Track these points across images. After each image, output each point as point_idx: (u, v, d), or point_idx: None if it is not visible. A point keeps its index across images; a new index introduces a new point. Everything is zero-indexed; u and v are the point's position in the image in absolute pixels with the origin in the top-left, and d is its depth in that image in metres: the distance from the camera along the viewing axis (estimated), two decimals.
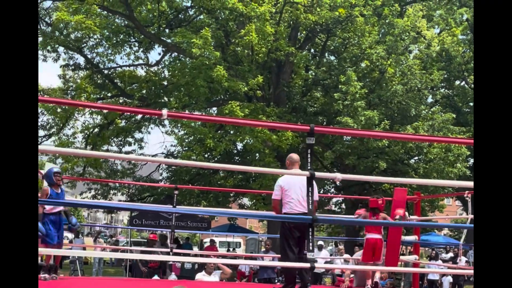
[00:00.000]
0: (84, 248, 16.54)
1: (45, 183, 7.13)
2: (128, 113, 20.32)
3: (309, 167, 5.08)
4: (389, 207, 9.17)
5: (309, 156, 5.10)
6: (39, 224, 6.54)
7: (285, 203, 6.35)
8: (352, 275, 9.43)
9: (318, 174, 5.58)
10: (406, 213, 9.20)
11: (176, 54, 21.03)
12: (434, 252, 19.76)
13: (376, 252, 8.34)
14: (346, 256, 13.70)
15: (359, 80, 17.91)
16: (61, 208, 7.03)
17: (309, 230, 5.33)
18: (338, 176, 5.30)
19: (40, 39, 19.55)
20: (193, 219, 18.36)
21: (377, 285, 8.15)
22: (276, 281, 13.02)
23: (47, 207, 6.84)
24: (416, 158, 19.91)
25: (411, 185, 15.00)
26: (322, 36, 20.41)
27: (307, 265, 5.46)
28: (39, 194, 6.68)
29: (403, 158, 18.59)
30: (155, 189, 20.86)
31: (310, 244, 5.32)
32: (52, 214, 6.87)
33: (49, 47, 19.59)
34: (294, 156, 6.84)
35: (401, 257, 9.48)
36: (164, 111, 4.46)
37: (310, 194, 5.21)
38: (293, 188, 6.37)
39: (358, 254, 9.99)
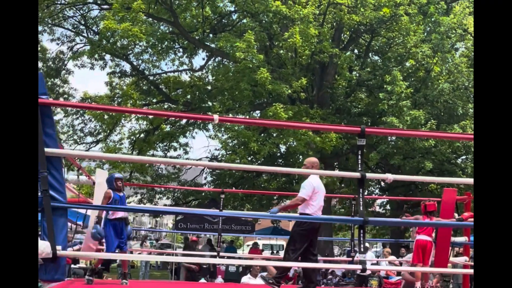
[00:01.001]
0: (131, 252, 16.87)
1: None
2: (173, 118, 20.63)
3: (359, 168, 5.06)
4: (438, 208, 8.99)
5: (359, 157, 5.09)
6: (98, 227, 6.62)
7: (310, 205, 6.36)
8: (399, 277, 9.30)
9: (369, 175, 5.56)
10: (455, 214, 9.01)
11: (220, 58, 21.25)
12: None
13: (426, 254, 8.21)
14: (392, 258, 13.46)
15: (405, 79, 17.63)
16: (122, 214, 7.04)
17: (360, 231, 5.29)
18: (390, 176, 5.25)
19: (87, 47, 20.15)
20: (237, 222, 18.48)
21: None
22: (321, 283, 12.93)
23: (111, 213, 6.88)
24: (463, 157, 19.42)
25: (460, 185, 14.62)
26: (366, 36, 20.21)
27: (359, 266, 5.42)
28: (103, 199, 6.80)
29: (450, 157, 18.16)
30: (199, 193, 21.09)
31: (362, 246, 5.28)
32: (114, 220, 6.92)
33: (96, 55, 20.15)
34: (315, 160, 6.90)
35: (451, 259, 9.26)
36: (216, 116, 4.53)
37: (361, 196, 5.18)
38: (321, 192, 6.46)
39: (408, 257, 9.83)
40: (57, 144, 4.43)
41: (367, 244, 16.51)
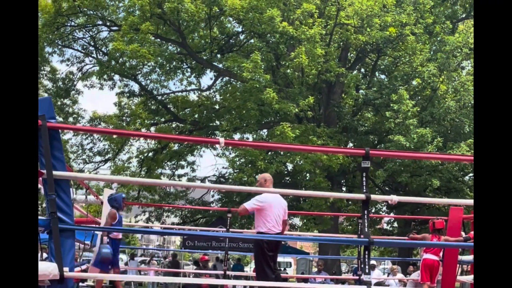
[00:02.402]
0: (139, 271, 16.90)
1: (109, 207, 7.29)
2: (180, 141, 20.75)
3: (364, 190, 5.09)
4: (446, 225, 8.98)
5: (364, 179, 5.13)
6: (110, 248, 6.70)
7: (264, 222, 6.35)
8: None
9: (374, 197, 5.57)
10: (462, 233, 8.99)
11: (227, 78, 21.44)
12: None
13: (433, 273, 8.20)
14: (401, 276, 13.40)
15: (411, 98, 17.72)
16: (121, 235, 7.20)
17: (365, 252, 5.31)
18: (394, 198, 5.26)
19: (96, 68, 20.43)
20: (244, 240, 18.45)
21: None
22: None
23: (114, 232, 6.99)
24: (471, 175, 19.36)
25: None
26: (372, 55, 20.36)
27: (364, 287, 5.42)
28: (108, 218, 6.89)
29: (457, 175, 18.13)
30: (207, 211, 21.12)
31: (366, 266, 5.29)
32: (116, 240, 7.00)
33: (105, 76, 20.43)
34: (267, 175, 6.97)
35: (458, 277, 9.22)
36: (222, 140, 4.61)
37: (366, 217, 5.20)
38: (273, 207, 6.40)
39: (415, 275, 9.80)
40: (65, 167, 4.53)
41: (374, 262, 16.47)
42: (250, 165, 18.29)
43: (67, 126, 12.56)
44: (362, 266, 5.31)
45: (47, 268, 4.11)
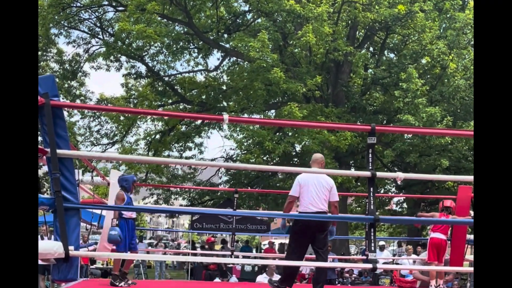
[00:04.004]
0: (147, 253, 17.00)
1: (117, 188, 7.25)
2: (189, 119, 20.74)
3: (370, 167, 5.03)
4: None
5: (370, 156, 5.05)
6: (118, 230, 6.67)
7: (301, 200, 6.23)
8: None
9: (379, 174, 5.51)
10: (471, 212, 8.92)
11: (234, 58, 21.29)
12: None
13: (440, 253, 8.15)
14: (414, 256, 13.38)
15: (420, 76, 17.50)
16: (134, 214, 7.18)
17: (370, 230, 5.27)
18: (400, 175, 5.22)
19: (103, 49, 20.34)
20: (252, 222, 18.50)
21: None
22: (336, 282, 12.89)
23: (127, 213, 6.97)
24: None
25: None
26: (381, 34, 20.09)
27: (369, 266, 5.40)
28: (116, 200, 6.86)
29: (467, 155, 17.97)
30: (215, 192, 21.14)
31: (372, 244, 5.26)
32: (128, 219, 6.98)
33: (112, 57, 20.34)
34: (315, 155, 6.69)
35: (467, 257, 9.18)
36: (226, 116, 4.54)
37: (372, 194, 5.16)
38: (309, 186, 6.22)
39: (424, 255, 9.76)
40: (69, 145, 4.49)
41: (382, 242, 16.46)
42: (257, 146, 18.25)
43: (70, 104, 12.55)
44: (369, 244, 5.28)
45: (52, 247, 4.11)
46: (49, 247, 4.13)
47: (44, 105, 4.21)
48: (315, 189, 6.18)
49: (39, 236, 13.93)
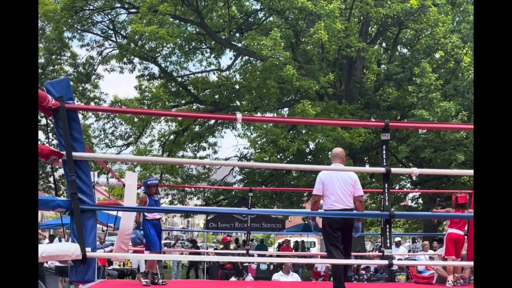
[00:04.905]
0: (164, 252, 17.02)
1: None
2: (202, 119, 20.81)
3: (384, 163, 5.00)
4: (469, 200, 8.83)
5: (384, 152, 5.01)
6: (138, 232, 6.79)
7: (325, 198, 6.07)
8: (432, 272, 9.16)
9: (394, 170, 5.46)
10: None
11: (247, 57, 21.30)
12: None
13: (458, 248, 8.08)
14: (431, 252, 13.28)
15: (434, 71, 17.35)
16: (159, 215, 7.25)
17: (386, 226, 5.25)
18: (415, 171, 5.18)
19: (116, 51, 20.48)
20: (267, 220, 18.50)
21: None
22: (352, 279, 12.82)
23: (149, 214, 7.04)
24: None
25: None
26: (393, 29, 19.97)
27: (385, 262, 5.38)
28: (139, 204, 6.99)
29: None
30: (229, 192, 21.19)
31: (388, 240, 5.24)
32: (153, 220, 7.07)
33: (125, 59, 20.47)
34: (335, 150, 6.43)
35: None
36: (239, 115, 4.54)
37: (387, 191, 5.13)
38: (332, 182, 6.04)
39: (440, 250, 9.70)
40: (85, 148, 4.53)
41: (398, 238, 16.36)
42: (271, 144, 18.25)
43: (85, 106, 12.64)
44: (384, 240, 5.25)
45: (69, 249, 4.15)
46: (66, 248, 4.17)
47: (59, 108, 4.25)
48: (339, 185, 6.03)
49: (56, 238, 14.11)
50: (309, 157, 21.50)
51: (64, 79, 4.83)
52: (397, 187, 22.71)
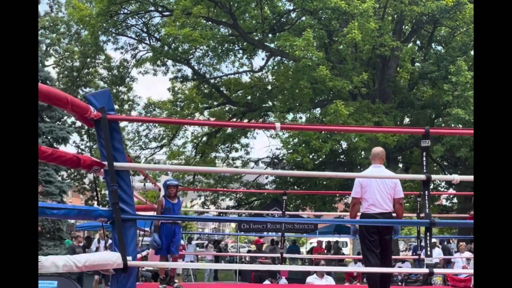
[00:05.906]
0: (196, 256, 17.13)
1: (162, 194, 7.43)
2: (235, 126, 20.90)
3: (424, 170, 4.92)
4: None
5: (424, 158, 4.93)
6: (156, 236, 6.85)
7: (363, 201, 5.92)
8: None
9: (434, 176, 5.39)
10: None
11: (279, 58, 21.28)
12: None
13: None
14: (468, 253, 12.98)
15: (470, 69, 16.99)
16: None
17: (426, 234, 5.17)
18: (456, 177, 5.05)
19: (150, 54, 20.74)
20: (299, 221, 18.43)
21: None
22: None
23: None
24: None
25: None
26: (428, 27, 19.64)
27: (426, 270, 5.31)
28: (155, 206, 7.04)
29: None
30: (262, 192, 21.24)
31: (428, 248, 5.16)
32: (166, 223, 7.02)
33: (158, 61, 20.71)
34: (375, 149, 6.24)
35: None
36: (277, 124, 4.54)
37: (426, 197, 5.04)
38: (371, 186, 5.87)
39: None
40: (125, 158, 4.60)
41: (434, 240, 16.07)
42: (304, 145, 18.18)
43: (126, 117, 12.94)
44: (424, 247, 5.16)
45: (111, 258, 4.22)
46: (108, 258, 4.24)
47: (101, 119, 4.32)
48: (378, 188, 5.87)
49: (95, 240, 14.40)
50: (342, 156, 21.34)
51: (105, 90, 4.91)
52: (431, 186, 22.27)
